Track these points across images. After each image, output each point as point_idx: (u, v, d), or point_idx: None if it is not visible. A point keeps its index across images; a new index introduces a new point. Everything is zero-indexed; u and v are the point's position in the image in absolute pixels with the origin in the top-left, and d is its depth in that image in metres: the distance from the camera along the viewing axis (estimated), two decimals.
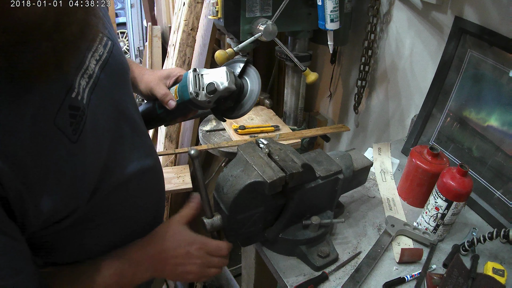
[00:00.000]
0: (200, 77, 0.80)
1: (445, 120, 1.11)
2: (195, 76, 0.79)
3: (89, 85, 0.55)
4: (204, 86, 0.79)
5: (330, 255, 0.82)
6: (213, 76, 0.79)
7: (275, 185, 0.67)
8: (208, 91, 0.78)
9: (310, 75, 1.27)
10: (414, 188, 0.99)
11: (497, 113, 0.96)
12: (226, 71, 0.79)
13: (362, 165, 0.90)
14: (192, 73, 0.80)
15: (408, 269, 0.82)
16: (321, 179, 0.79)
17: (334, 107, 1.77)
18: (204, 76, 0.80)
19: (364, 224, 0.94)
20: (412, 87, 1.31)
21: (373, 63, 1.44)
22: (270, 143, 0.77)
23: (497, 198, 0.95)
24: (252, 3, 1.15)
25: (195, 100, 0.79)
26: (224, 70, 0.79)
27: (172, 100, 0.81)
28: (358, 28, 1.44)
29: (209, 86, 0.78)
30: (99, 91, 0.57)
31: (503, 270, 0.79)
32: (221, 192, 0.71)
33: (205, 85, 0.79)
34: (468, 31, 1.01)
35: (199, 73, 0.80)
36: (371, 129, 1.58)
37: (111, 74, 0.60)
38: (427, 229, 0.89)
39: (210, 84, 0.78)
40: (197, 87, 0.79)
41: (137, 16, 4.51)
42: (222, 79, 0.78)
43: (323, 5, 1.15)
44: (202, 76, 0.80)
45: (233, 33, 1.20)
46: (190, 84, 0.79)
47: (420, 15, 1.20)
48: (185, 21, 1.76)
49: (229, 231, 0.73)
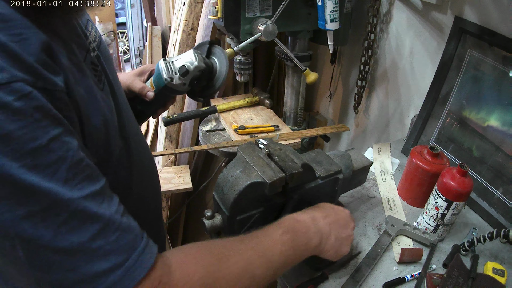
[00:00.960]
0: (171, 63, 0.87)
1: (445, 120, 1.11)
2: (167, 63, 0.87)
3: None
4: (176, 70, 0.87)
5: None
6: (183, 60, 0.87)
7: (275, 185, 0.67)
8: (181, 73, 0.86)
9: (310, 75, 1.27)
10: (414, 188, 0.99)
11: (497, 113, 0.96)
12: (193, 52, 0.88)
13: (361, 165, 0.90)
14: (163, 62, 0.88)
15: (408, 269, 0.82)
16: (321, 179, 0.79)
17: (334, 107, 1.77)
18: (175, 62, 0.88)
19: (364, 224, 0.94)
20: (412, 87, 1.31)
21: (373, 63, 1.44)
22: (269, 143, 0.77)
23: (497, 198, 0.95)
24: (252, 3, 1.15)
25: (171, 85, 0.87)
26: (192, 52, 0.88)
27: (150, 91, 0.89)
28: (358, 28, 1.44)
29: (181, 68, 0.86)
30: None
31: (503, 270, 0.79)
32: (221, 192, 0.71)
33: (177, 69, 0.87)
34: (468, 31, 1.01)
35: (170, 61, 0.88)
36: (371, 129, 1.58)
37: (104, 55, 0.65)
38: (427, 229, 0.89)
39: (181, 67, 0.86)
40: (170, 73, 0.87)
41: (137, 16, 4.51)
42: (192, 60, 0.87)
43: (323, 5, 1.15)
44: (172, 63, 0.88)
45: (233, 33, 1.20)
46: (163, 72, 0.87)
47: (420, 15, 1.20)
48: (185, 21, 1.76)
49: (229, 232, 0.73)
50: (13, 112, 0.37)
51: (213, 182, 1.88)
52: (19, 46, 0.39)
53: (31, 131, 0.38)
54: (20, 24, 0.40)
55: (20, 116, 0.37)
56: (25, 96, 0.38)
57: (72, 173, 0.41)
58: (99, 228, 0.41)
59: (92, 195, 0.42)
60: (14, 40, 0.39)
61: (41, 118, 0.39)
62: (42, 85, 0.40)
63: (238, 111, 1.56)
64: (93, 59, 0.57)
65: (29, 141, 0.38)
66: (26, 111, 0.38)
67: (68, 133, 0.42)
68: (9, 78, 0.37)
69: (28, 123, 0.38)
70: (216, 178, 0.74)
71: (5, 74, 0.37)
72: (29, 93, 0.38)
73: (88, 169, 0.44)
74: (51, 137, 0.39)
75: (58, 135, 0.40)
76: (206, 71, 0.90)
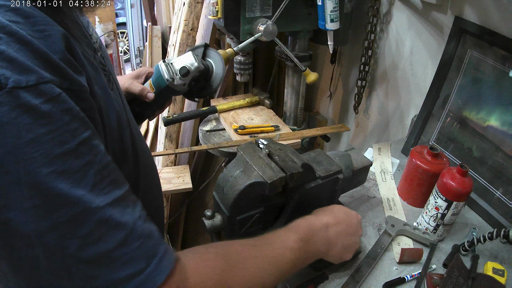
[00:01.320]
0: (171, 65, 0.90)
1: (445, 120, 1.11)
2: (167, 64, 0.90)
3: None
4: (176, 71, 0.89)
5: None
6: (183, 61, 0.90)
7: (275, 185, 0.67)
8: (182, 74, 0.89)
9: (310, 75, 1.27)
10: (414, 188, 0.99)
11: (497, 113, 0.96)
12: (192, 54, 0.91)
13: (361, 164, 0.90)
14: (163, 63, 0.90)
15: (408, 269, 0.82)
16: (321, 179, 0.79)
17: (334, 107, 1.77)
18: (174, 64, 0.90)
19: (364, 224, 0.94)
20: (412, 87, 1.31)
21: (373, 63, 1.44)
22: (269, 143, 0.77)
23: (497, 198, 0.95)
24: (252, 3, 1.15)
25: (172, 85, 0.89)
26: (190, 53, 0.92)
27: (150, 92, 0.91)
28: (358, 28, 1.44)
29: (182, 69, 0.89)
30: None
31: (503, 270, 0.79)
32: (221, 192, 0.71)
33: (177, 70, 0.89)
34: (468, 31, 1.01)
35: (169, 62, 0.90)
36: (371, 129, 1.58)
37: (105, 57, 0.65)
38: (427, 229, 0.89)
39: (182, 68, 0.89)
40: (172, 73, 0.89)
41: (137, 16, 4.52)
42: (192, 61, 0.90)
43: (323, 5, 1.15)
44: (172, 64, 0.90)
45: (233, 33, 1.20)
46: (164, 73, 0.89)
47: (420, 15, 1.20)
48: (185, 21, 1.76)
49: (229, 232, 0.73)
50: (41, 116, 0.36)
51: (213, 182, 1.88)
52: (44, 43, 0.38)
53: (59, 135, 0.37)
54: (41, 21, 0.39)
55: (49, 119, 0.36)
56: (54, 99, 0.37)
57: (99, 178, 0.40)
58: (124, 236, 0.41)
59: (117, 200, 0.42)
60: (38, 37, 0.37)
61: (69, 121, 0.38)
62: (69, 85, 0.39)
63: (238, 111, 1.56)
64: (101, 59, 0.57)
65: (58, 145, 0.37)
66: (55, 114, 0.37)
67: (95, 136, 0.42)
68: (36, 80, 0.36)
69: (57, 126, 0.37)
70: (216, 178, 0.74)
71: (32, 75, 0.36)
72: (58, 95, 0.37)
73: (114, 173, 0.43)
74: (79, 141, 0.39)
75: (87, 138, 0.40)
76: (203, 72, 0.94)
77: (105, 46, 3.42)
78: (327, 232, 0.69)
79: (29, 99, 0.35)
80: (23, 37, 0.36)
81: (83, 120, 0.40)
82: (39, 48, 0.37)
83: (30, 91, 0.35)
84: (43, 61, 0.37)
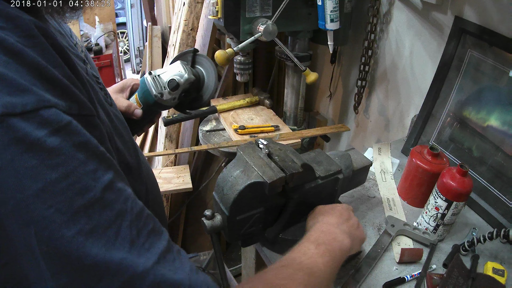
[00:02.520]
0: (158, 77, 0.81)
1: (445, 120, 1.11)
2: (153, 78, 0.81)
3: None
4: (165, 84, 0.80)
5: None
6: (171, 73, 0.81)
7: (275, 185, 0.68)
8: (170, 88, 0.79)
9: (310, 75, 1.27)
10: (414, 188, 0.99)
11: (497, 113, 0.96)
12: (181, 64, 0.81)
13: (361, 164, 0.90)
14: (150, 76, 0.81)
15: (408, 269, 0.82)
16: (320, 179, 0.79)
17: (334, 107, 1.77)
18: (162, 76, 0.81)
19: (364, 224, 0.94)
20: (412, 87, 1.31)
21: (373, 63, 1.44)
22: (269, 143, 0.77)
23: (497, 198, 0.95)
24: (252, 3, 1.15)
25: (161, 101, 0.80)
26: (179, 63, 0.81)
27: (137, 109, 0.81)
28: (358, 28, 1.43)
29: (171, 82, 0.79)
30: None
31: (503, 270, 0.79)
32: (221, 192, 0.71)
33: (165, 83, 0.80)
34: (468, 31, 1.01)
35: (156, 74, 0.81)
36: (371, 129, 1.58)
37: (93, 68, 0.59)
38: (427, 229, 0.89)
39: (171, 81, 0.79)
40: (159, 88, 0.80)
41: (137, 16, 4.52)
42: (181, 72, 0.80)
43: (323, 5, 1.15)
44: (159, 76, 0.81)
45: (233, 33, 1.20)
46: (151, 87, 0.80)
47: (420, 15, 1.20)
48: (185, 21, 1.76)
49: (229, 232, 0.73)
50: (49, 154, 0.26)
51: (213, 182, 1.88)
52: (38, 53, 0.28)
53: (78, 180, 0.27)
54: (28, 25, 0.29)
55: (60, 158, 0.26)
56: (62, 129, 0.27)
57: (135, 231, 0.31)
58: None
59: (163, 254, 0.33)
60: (29, 45, 0.28)
61: (86, 160, 0.28)
62: (78, 110, 0.30)
63: (238, 111, 1.56)
64: (93, 72, 0.48)
65: (78, 195, 0.27)
66: (67, 151, 0.27)
67: (120, 176, 0.33)
68: (36, 103, 0.26)
69: (72, 168, 0.27)
70: (216, 178, 0.74)
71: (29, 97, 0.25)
72: (67, 124, 0.27)
73: (151, 221, 0.34)
74: (104, 185, 0.29)
75: (111, 181, 0.31)
76: (194, 82, 0.84)
77: (105, 46, 3.42)
78: (340, 226, 0.69)
79: (28, 131, 0.25)
80: (12, 45, 0.26)
81: (102, 156, 0.31)
82: (35, 61, 0.27)
83: (28, 119, 0.25)
84: (41, 78, 0.27)
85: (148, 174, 0.68)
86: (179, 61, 0.82)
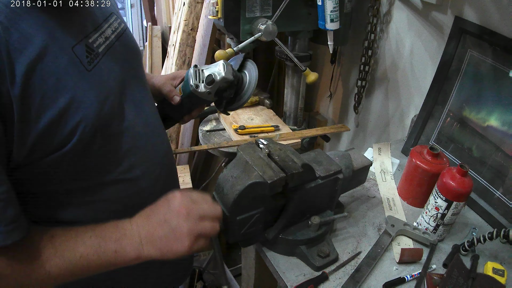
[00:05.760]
0: (200, 71, 0.88)
1: (445, 120, 1.11)
2: (196, 71, 0.87)
3: (105, 44, 0.65)
4: (203, 78, 0.86)
5: (330, 255, 0.82)
6: (212, 70, 0.87)
7: (275, 185, 0.68)
8: (207, 82, 0.85)
9: (310, 75, 1.27)
10: (414, 188, 0.99)
11: (497, 113, 0.96)
12: (223, 63, 0.87)
13: (361, 164, 0.90)
14: (193, 69, 0.88)
15: (408, 269, 0.82)
16: (321, 179, 0.79)
17: (334, 107, 1.78)
18: (204, 71, 0.87)
19: (364, 224, 0.94)
20: (412, 87, 1.31)
21: (373, 63, 1.44)
22: (270, 143, 0.77)
23: (497, 198, 0.95)
24: (252, 3, 1.15)
25: (196, 92, 0.86)
26: (221, 62, 0.87)
27: (177, 95, 0.89)
28: (358, 28, 1.44)
29: (208, 77, 0.85)
30: (113, 52, 0.66)
31: (503, 270, 0.79)
32: (221, 192, 0.71)
33: (204, 77, 0.86)
34: (468, 31, 1.01)
35: (200, 69, 0.88)
36: (371, 129, 1.58)
37: (125, 45, 0.70)
38: (427, 229, 0.89)
39: (208, 76, 0.85)
40: (197, 80, 0.86)
41: (137, 16, 4.51)
42: (220, 70, 0.86)
43: (323, 5, 1.15)
44: (202, 71, 0.87)
45: (233, 33, 1.20)
46: (191, 78, 0.87)
47: (420, 15, 1.20)
48: (185, 21, 1.76)
49: (229, 232, 0.73)
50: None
51: (213, 182, 1.88)
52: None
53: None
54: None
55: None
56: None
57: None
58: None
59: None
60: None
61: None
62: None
63: (238, 111, 1.56)
64: (91, 45, 0.60)
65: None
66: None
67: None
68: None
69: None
70: (216, 178, 0.74)
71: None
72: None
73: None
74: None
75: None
76: (233, 83, 0.89)
77: None
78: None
79: None
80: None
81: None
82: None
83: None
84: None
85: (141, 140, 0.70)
86: (222, 61, 0.88)
